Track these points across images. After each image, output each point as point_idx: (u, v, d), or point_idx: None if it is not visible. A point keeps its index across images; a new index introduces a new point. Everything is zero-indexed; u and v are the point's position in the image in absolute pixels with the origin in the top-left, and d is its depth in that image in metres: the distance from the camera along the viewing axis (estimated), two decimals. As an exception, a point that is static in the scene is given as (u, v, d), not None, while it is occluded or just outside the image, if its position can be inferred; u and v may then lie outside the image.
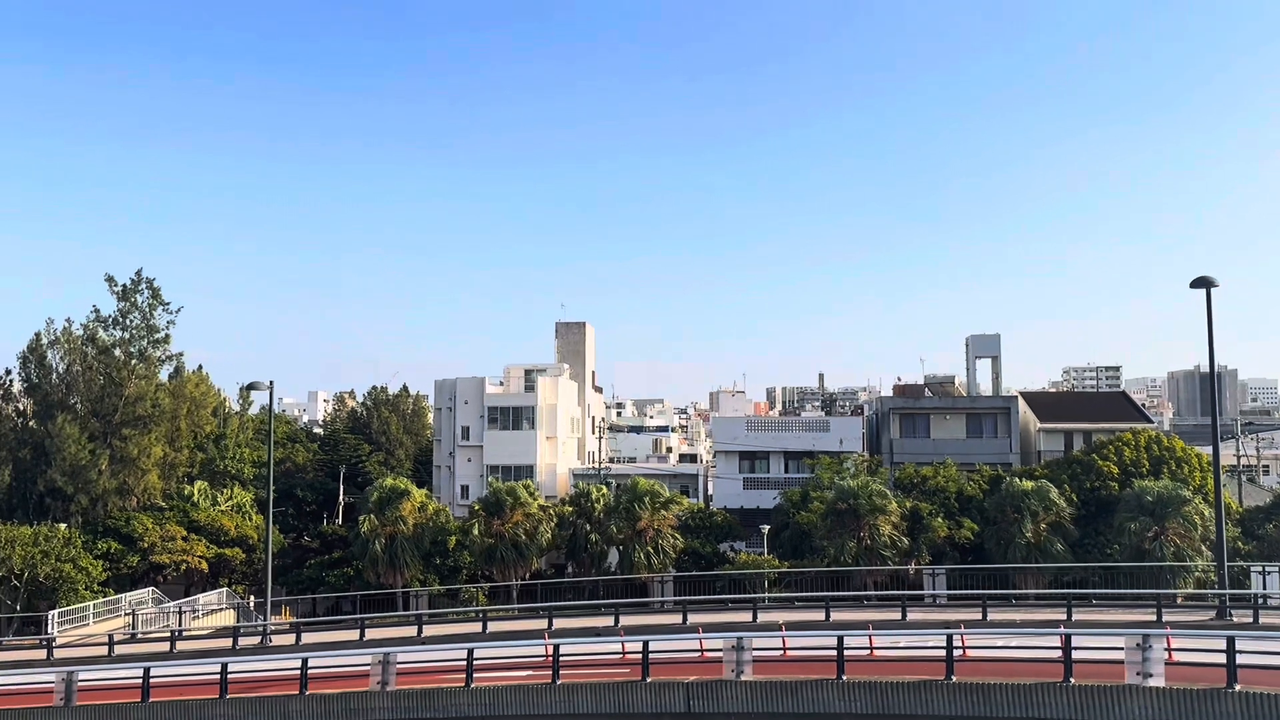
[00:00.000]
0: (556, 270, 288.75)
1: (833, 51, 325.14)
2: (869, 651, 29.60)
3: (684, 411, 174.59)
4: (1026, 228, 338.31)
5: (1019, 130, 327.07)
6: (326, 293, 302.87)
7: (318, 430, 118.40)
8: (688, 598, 43.23)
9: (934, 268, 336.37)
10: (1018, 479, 51.02)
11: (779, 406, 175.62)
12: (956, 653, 25.90)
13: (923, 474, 56.76)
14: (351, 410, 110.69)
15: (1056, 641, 29.48)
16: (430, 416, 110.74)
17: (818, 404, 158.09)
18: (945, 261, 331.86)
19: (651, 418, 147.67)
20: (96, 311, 60.57)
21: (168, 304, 61.41)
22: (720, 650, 27.59)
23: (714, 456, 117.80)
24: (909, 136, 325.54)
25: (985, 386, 71.67)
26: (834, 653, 25.97)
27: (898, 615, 37.69)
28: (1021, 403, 66.48)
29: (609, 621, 41.58)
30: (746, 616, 39.79)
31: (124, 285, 60.19)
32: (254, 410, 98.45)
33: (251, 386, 42.84)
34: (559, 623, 41.71)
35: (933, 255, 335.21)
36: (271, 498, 47.23)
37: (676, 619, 40.96)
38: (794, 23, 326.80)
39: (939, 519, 52.49)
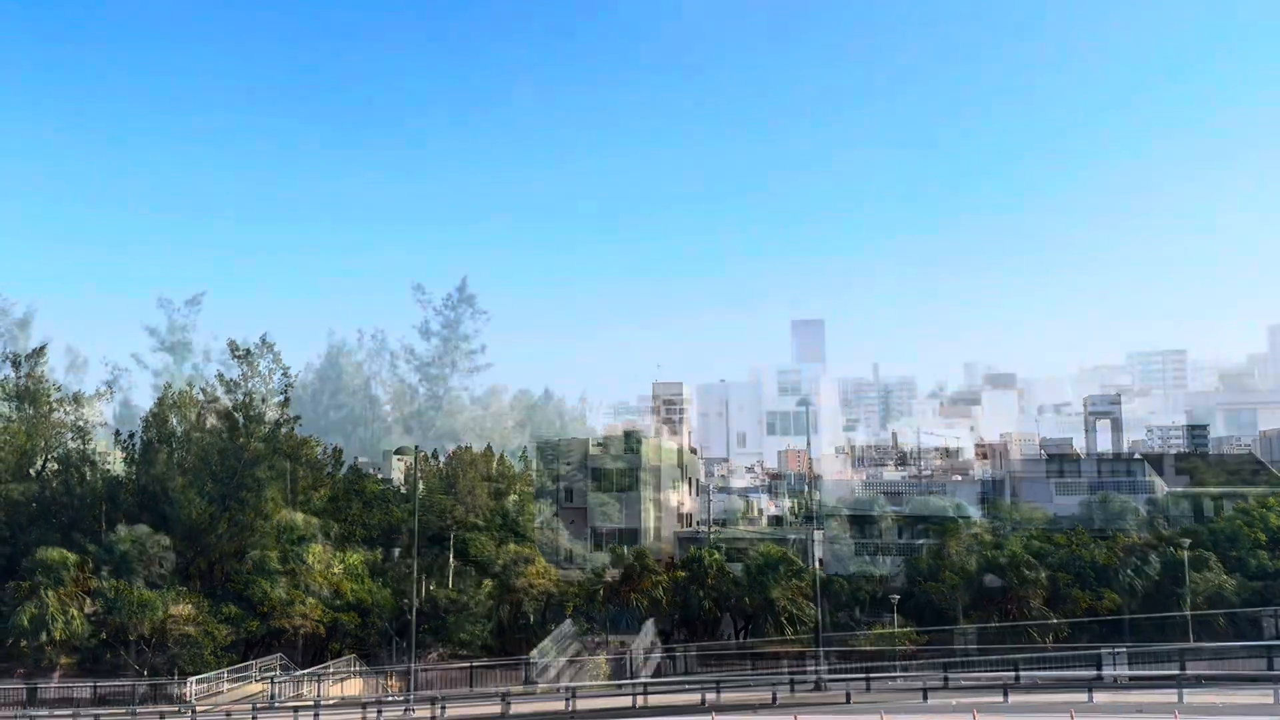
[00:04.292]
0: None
1: (891, 78, 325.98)
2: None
3: (750, 469, 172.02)
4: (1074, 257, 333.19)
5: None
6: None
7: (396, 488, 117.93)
8: (848, 676, 41.74)
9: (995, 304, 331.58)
10: (1173, 548, 49.26)
11: (850, 463, 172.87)
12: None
13: (1055, 541, 55.13)
14: (434, 468, 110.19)
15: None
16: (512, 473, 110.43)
17: (892, 461, 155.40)
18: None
19: (724, 476, 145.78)
20: (220, 375, 61.09)
21: (287, 368, 61.84)
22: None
23: (797, 518, 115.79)
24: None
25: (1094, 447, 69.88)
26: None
27: (1083, 696, 35.88)
28: (1145, 465, 64.64)
29: (764, 696, 40.43)
30: (914, 698, 38.35)
31: (247, 349, 60.68)
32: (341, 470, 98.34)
33: (398, 452, 42.69)
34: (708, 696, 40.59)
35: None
36: (416, 563, 46.89)
37: (837, 696, 39.67)
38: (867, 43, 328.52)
39: (1076, 589, 50.98)
